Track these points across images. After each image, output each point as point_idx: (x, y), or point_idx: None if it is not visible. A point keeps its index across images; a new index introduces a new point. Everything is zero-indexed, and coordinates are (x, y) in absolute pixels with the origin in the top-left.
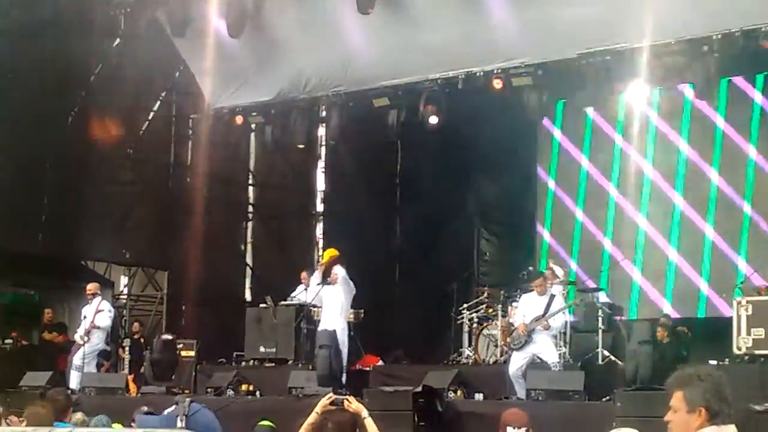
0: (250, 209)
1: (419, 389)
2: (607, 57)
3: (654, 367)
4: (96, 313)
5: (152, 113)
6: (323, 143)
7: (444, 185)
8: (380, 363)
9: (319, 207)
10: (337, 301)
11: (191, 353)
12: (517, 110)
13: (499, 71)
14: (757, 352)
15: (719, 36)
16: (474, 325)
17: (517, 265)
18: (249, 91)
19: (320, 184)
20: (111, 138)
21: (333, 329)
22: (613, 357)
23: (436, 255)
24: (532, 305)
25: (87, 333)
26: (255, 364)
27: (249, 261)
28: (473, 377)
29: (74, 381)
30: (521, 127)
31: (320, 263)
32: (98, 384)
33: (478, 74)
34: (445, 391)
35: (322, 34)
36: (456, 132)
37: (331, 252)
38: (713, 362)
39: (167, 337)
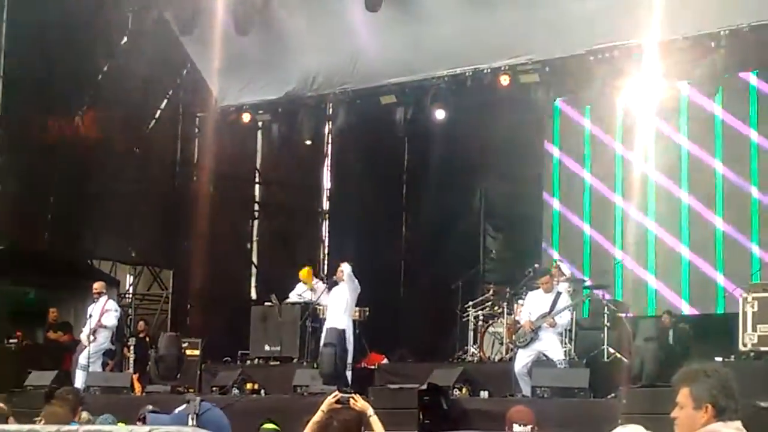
0: (257, 207)
1: (425, 387)
2: (615, 53)
3: (659, 364)
4: (102, 313)
5: (159, 111)
6: (330, 141)
7: (450, 183)
8: (385, 361)
9: (326, 205)
10: (343, 299)
11: (196, 352)
12: (525, 107)
13: (507, 68)
14: (763, 349)
15: (727, 32)
16: (479, 323)
17: (523, 263)
18: (256, 89)
19: (326, 182)
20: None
21: (339, 327)
22: (619, 354)
23: (442, 252)
24: (538, 303)
25: (93, 332)
26: (260, 363)
27: (254, 259)
28: (478, 375)
29: (79, 380)
30: (528, 124)
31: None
32: (103, 383)
33: (486, 71)
34: (451, 389)
35: (330, 32)
36: (463, 129)
37: (306, 271)
38: (719, 359)
39: (172, 336)
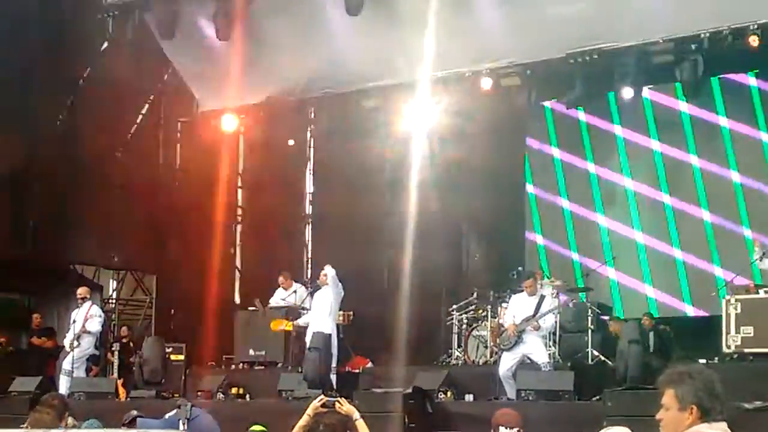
0: (239, 212)
1: (409, 390)
2: (595, 56)
3: (642, 366)
4: (86, 318)
5: (140, 116)
6: (312, 145)
7: (433, 186)
8: (370, 365)
9: (308, 209)
10: (326, 303)
11: (181, 357)
12: (507, 110)
13: (488, 71)
14: (746, 351)
15: (707, 34)
16: (464, 326)
17: (507, 266)
18: (237, 94)
19: (309, 186)
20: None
21: (323, 332)
22: (603, 357)
23: (426, 256)
24: (522, 306)
25: (77, 338)
26: (245, 368)
27: (238, 264)
28: (463, 378)
29: (64, 386)
30: (510, 127)
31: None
32: (88, 389)
33: (467, 74)
34: (436, 392)
35: (311, 36)
36: (445, 132)
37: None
38: (702, 361)
39: (156, 341)
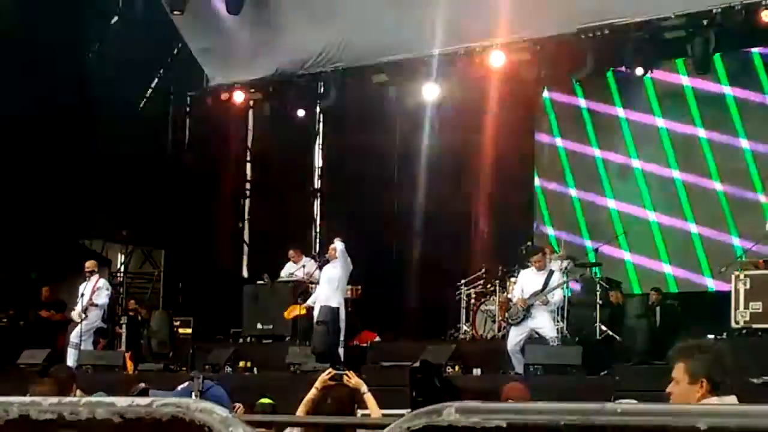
0: (248, 186)
1: (417, 365)
2: (606, 32)
3: (649, 341)
4: (93, 291)
5: (150, 91)
6: (322, 120)
7: (442, 160)
8: (377, 339)
9: (317, 184)
10: (335, 277)
11: (188, 330)
12: (517, 85)
13: (498, 46)
14: (755, 326)
15: (719, 10)
16: (472, 301)
17: (516, 241)
18: (247, 68)
19: (318, 161)
20: None
21: (331, 305)
22: (611, 332)
23: (434, 230)
24: (531, 280)
25: (84, 310)
26: (252, 341)
27: (246, 238)
28: (471, 352)
29: (71, 358)
30: (521, 103)
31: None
32: (95, 362)
33: (477, 49)
34: (443, 367)
35: (321, 10)
36: (455, 107)
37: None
38: (711, 336)
39: (164, 314)
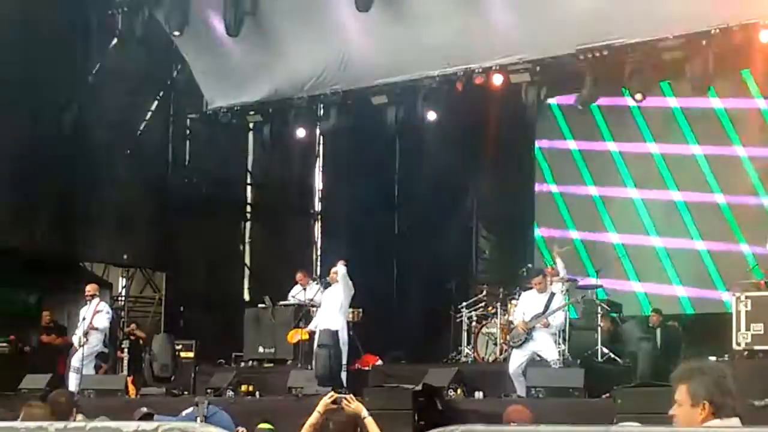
0: (248, 209)
1: (419, 388)
2: (605, 52)
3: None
4: (94, 315)
5: (150, 113)
6: (321, 142)
7: (442, 183)
8: (379, 362)
9: (318, 206)
10: (337, 300)
11: (190, 354)
12: (516, 107)
13: (498, 67)
14: (757, 348)
15: (717, 31)
16: (473, 324)
17: (516, 263)
18: (247, 91)
19: (318, 183)
20: None
21: (332, 329)
22: (613, 354)
23: (435, 253)
24: (532, 303)
25: (85, 334)
26: (254, 365)
27: (247, 261)
28: (473, 375)
29: (73, 383)
30: (520, 124)
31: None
32: (97, 386)
33: (477, 71)
34: (445, 390)
35: (321, 32)
36: (455, 128)
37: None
38: (713, 358)
39: (166, 338)
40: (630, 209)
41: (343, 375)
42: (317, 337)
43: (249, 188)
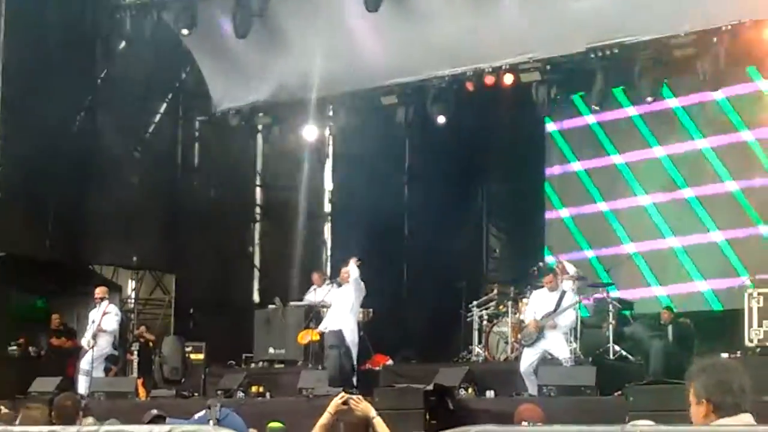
0: (258, 210)
1: (430, 387)
2: (615, 50)
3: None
4: (102, 317)
5: (158, 115)
6: (331, 142)
7: (452, 182)
8: (390, 362)
9: (327, 207)
10: (347, 302)
11: (200, 356)
12: (526, 105)
13: (508, 67)
14: None
15: (729, 27)
16: (484, 323)
17: (527, 262)
18: (255, 91)
19: (328, 184)
20: None
21: (343, 329)
22: (624, 352)
23: (445, 253)
24: (543, 301)
25: (94, 337)
26: (264, 366)
27: (257, 262)
28: (484, 375)
29: (83, 386)
30: (530, 123)
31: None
32: (107, 388)
33: (487, 70)
34: (457, 389)
35: (330, 33)
36: (465, 129)
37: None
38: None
39: (176, 340)
40: (642, 217)
41: (354, 375)
42: (326, 338)
43: (258, 190)
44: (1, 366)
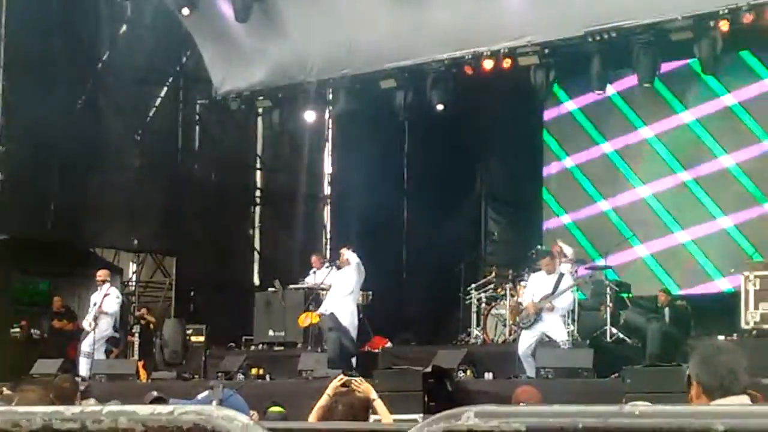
0: (258, 193)
1: (429, 369)
2: (613, 34)
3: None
4: (103, 299)
5: (159, 99)
6: (331, 126)
7: (451, 165)
8: (389, 344)
9: (327, 190)
10: (348, 285)
11: (201, 338)
12: (525, 89)
13: (507, 50)
14: (765, 327)
15: (726, 11)
16: (482, 305)
17: (525, 245)
18: (255, 75)
19: (327, 167)
20: None
21: (343, 312)
22: (621, 334)
23: (444, 236)
24: (541, 284)
25: (95, 319)
26: (264, 348)
27: (257, 245)
28: (483, 357)
29: (84, 368)
30: (529, 106)
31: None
32: (108, 371)
33: (485, 54)
34: (455, 371)
35: (329, 17)
36: (463, 112)
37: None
38: (721, 337)
39: (177, 322)
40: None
41: (353, 358)
42: (327, 321)
43: (258, 173)
44: (4, 348)
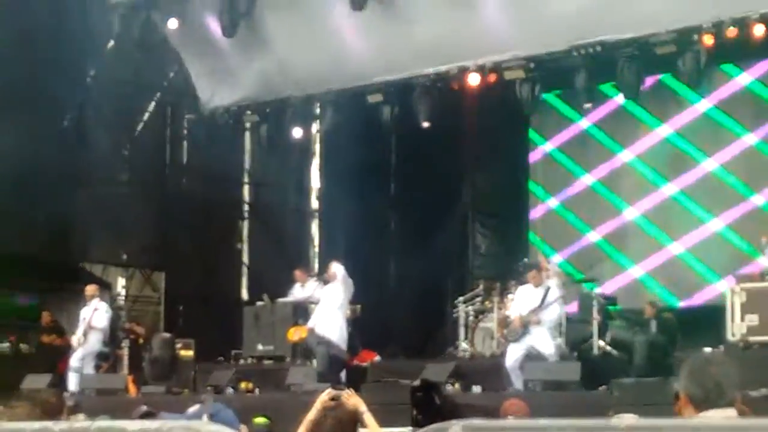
0: (246, 208)
1: (417, 383)
2: (598, 48)
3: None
4: (92, 313)
5: (147, 114)
6: (318, 140)
7: (438, 179)
8: (377, 358)
9: (315, 204)
10: (336, 299)
11: (190, 352)
12: (510, 103)
13: (492, 65)
14: (752, 339)
15: (710, 25)
16: (470, 319)
17: (512, 258)
18: (243, 91)
19: (315, 182)
20: None
21: (331, 326)
22: (609, 347)
23: (431, 249)
24: (528, 297)
25: (84, 334)
26: (253, 362)
27: (245, 260)
28: (471, 370)
29: (73, 383)
30: (514, 120)
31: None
32: (98, 385)
33: (471, 68)
34: (443, 384)
35: (316, 32)
36: (450, 126)
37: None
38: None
39: (166, 337)
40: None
41: (342, 371)
42: (314, 336)
43: (246, 187)
44: None
